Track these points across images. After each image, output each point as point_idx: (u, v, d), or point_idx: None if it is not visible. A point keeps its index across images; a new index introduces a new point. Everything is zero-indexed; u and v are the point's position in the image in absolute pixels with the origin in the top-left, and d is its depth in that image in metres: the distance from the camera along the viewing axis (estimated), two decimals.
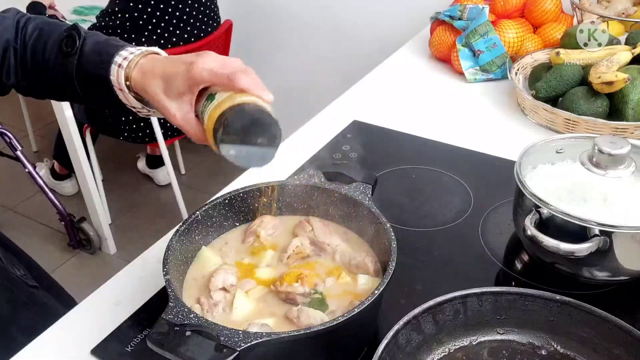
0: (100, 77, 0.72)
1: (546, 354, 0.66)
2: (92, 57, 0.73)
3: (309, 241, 0.77)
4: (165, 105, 0.68)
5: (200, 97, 0.68)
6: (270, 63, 2.66)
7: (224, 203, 0.79)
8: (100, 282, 0.83)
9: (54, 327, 0.77)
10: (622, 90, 1.08)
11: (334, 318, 0.61)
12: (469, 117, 1.24)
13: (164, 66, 0.69)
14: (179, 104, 0.68)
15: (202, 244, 0.78)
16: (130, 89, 0.72)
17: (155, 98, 0.69)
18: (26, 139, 3.02)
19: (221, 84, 0.66)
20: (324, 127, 1.20)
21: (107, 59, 0.72)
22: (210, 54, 0.67)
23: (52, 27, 0.77)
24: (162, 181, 2.74)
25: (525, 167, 0.81)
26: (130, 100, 0.73)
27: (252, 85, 0.65)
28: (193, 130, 0.69)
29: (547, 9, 1.40)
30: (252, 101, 0.63)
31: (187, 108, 0.68)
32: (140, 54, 0.72)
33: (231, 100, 0.63)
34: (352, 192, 0.78)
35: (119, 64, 0.71)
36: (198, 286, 0.73)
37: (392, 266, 0.65)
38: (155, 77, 0.69)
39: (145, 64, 0.71)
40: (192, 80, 0.66)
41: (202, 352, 0.56)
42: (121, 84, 0.71)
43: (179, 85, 0.67)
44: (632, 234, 0.70)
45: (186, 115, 0.68)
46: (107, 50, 0.72)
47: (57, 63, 0.75)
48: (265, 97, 0.65)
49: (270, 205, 0.81)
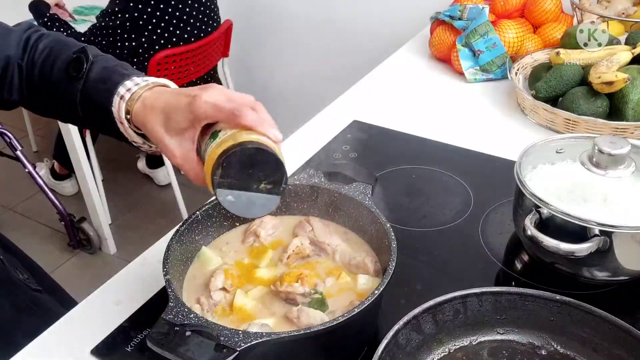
0: (102, 106, 0.68)
1: (546, 354, 0.66)
2: (97, 84, 0.68)
3: (309, 241, 0.77)
4: (165, 142, 0.63)
5: (205, 134, 0.62)
6: (270, 63, 2.67)
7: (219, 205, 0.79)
8: (100, 282, 0.83)
9: (54, 327, 0.77)
10: (622, 90, 1.08)
11: (334, 318, 0.61)
12: (469, 117, 1.24)
13: (166, 100, 0.64)
14: (180, 141, 0.62)
15: (202, 244, 0.78)
16: (131, 123, 0.67)
17: (154, 134, 0.63)
18: (26, 139, 3.02)
19: (225, 120, 0.60)
20: (324, 127, 1.20)
21: (110, 88, 0.67)
22: (216, 87, 0.62)
23: (62, 47, 0.73)
24: (162, 181, 2.75)
25: (525, 167, 0.81)
26: (131, 134, 0.68)
27: (259, 123, 0.58)
28: (193, 170, 0.63)
29: (547, 9, 1.40)
30: (257, 139, 0.57)
31: (189, 146, 0.62)
32: (146, 86, 0.67)
33: (233, 139, 0.57)
34: (352, 192, 0.78)
35: (121, 96, 0.66)
36: (198, 286, 0.73)
37: (392, 266, 0.65)
38: (156, 111, 0.63)
39: (148, 97, 0.65)
40: (193, 115, 0.60)
41: (202, 352, 0.56)
42: (121, 117, 0.67)
43: (179, 120, 0.61)
44: (632, 234, 0.70)
45: (187, 154, 0.62)
46: (112, 79, 0.68)
47: (63, 85, 0.71)
48: (272, 135, 0.59)
49: None
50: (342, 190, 0.78)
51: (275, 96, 2.65)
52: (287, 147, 1.15)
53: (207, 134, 0.61)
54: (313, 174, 0.81)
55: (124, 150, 2.81)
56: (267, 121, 0.60)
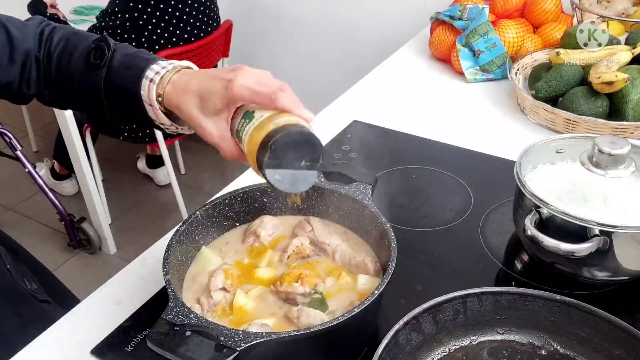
0: (129, 92, 0.70)
1: (546, 354, 0.66)
2: (122, 71, 0.70)
3: (309, 241, 0.77)
4: (201, 124, 0.66)
5: (235, 113, 0.66)
6: (270, 63, 2.67)
7: (224, 203, 0.79)
8: (100, 282, 0.83)
9: (54, 327, 0.77)
10: (622, 90, 1.08)
11: (334, 318, 0.61)
12: (469, 117, 1.24)
13: (199, 83, 0.66)
14: (216, 122, 0.66)
15: (202, 244, 0.78)
16: (162, 105, 0.69)
17: (190, 116, 0.66)
18: (26, 139, 3.02)
19: (262, 104, 0.63)
20: (324, 127, 1.20)
21: (137, 72, 0.69)
22: (245, 69, 0.65)
23: (78, 38, 0.75)
24: (162, 181, 2.74)
25: (525, 167, 0.81)
26: (160, 116, 0.70)
27: (294, 105, 0.62)
28: (229, 149, 0.66)
29: (547, 9, 1.40)
30: (296, 122, 0.61)
31: (224, 125, 0.66)
32: (173, 69, 0.69)
33: (274, 122, 0.61)
34: (352, 192, 0.78)
35: (151, 79, 0.69)
36: (198, 286, 0.73)
37: (392, 266, 0.65)
38: (190, 94, 0.66)
39: (178, 79, 0.68)
40: (230, 98, 0.64)
41: (202, 352, 0.56)
42: (152, 100, 0.69)
43: (216, 102, 0.65)
44: (632, 234, 0.70)
45: (223, 133, 0.66)
46: (137, 64, 0.70)
47: (84, 75, 0.72)
48: (306, 116, 0.63)
49: None
50: (342, 190, 0.78)
51: None
52: None
53: (237, 113, 0.65)
54: None
55: (124, 150, 2.81)
56: (299, 103, 0.63)
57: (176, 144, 2.74)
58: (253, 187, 0.81)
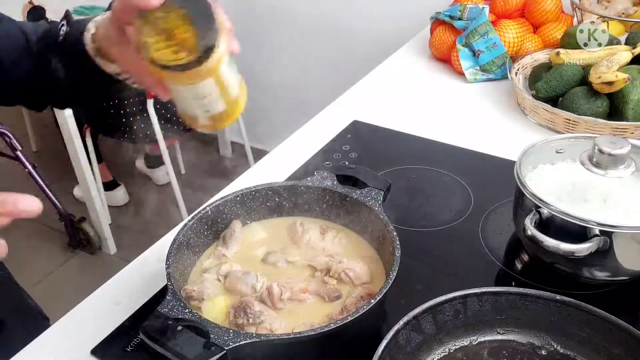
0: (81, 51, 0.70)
1: (546, 354, 0.66)
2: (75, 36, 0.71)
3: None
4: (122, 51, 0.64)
5: None
6: (270, 63, 2.66)
7: (235, 200, 0.79)
8: (100, 282, 0.83)
9: (54, 327, 0.77)
10: (622, 90, 1.08)
11: (327, 324, 0.60)
12: (469, 117, 1.24)
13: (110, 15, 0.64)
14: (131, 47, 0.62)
15: (211, 239, 0.78)
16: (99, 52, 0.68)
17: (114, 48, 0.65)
18: (26, 139, 3.02)
19: None
20: (324, 127, 1.20)
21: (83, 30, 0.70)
22: None
23: None
24: (161, 180, 2.74)
25: (525, 167, 0.81)
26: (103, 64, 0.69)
27: None
28: None
29: (547, 9, 1.40)
30: None
31: None
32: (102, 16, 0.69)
33: None
34: (363, 197, 0.77)
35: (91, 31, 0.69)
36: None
37: (393, 276, 0.65)
38: (109, 30, 0.65)
39: (100, 21, 0.68)
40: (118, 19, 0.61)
41: (191, 348, 0.56)
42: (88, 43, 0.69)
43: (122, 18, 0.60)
44: (632, 234, 0.70)
45: None
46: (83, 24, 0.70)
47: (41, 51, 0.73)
48: None
49: None
50: (353, 194, 0.78)
51: (276, 96, 2.65)
52: (288, 147, 1.15)
53: None
54: (326, 177, 0.81)
55: (124, 150, 2.81)
56: None
57: (176, 144, 2.74)
58: (265, 186, 0.81)
